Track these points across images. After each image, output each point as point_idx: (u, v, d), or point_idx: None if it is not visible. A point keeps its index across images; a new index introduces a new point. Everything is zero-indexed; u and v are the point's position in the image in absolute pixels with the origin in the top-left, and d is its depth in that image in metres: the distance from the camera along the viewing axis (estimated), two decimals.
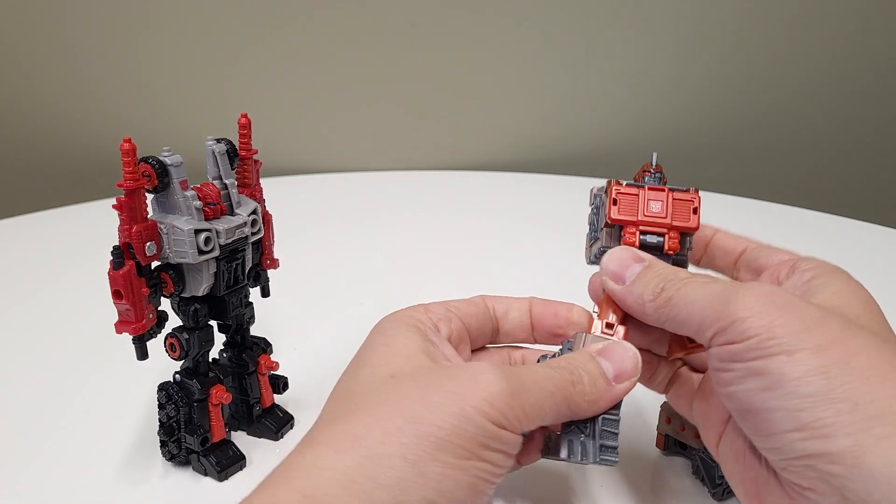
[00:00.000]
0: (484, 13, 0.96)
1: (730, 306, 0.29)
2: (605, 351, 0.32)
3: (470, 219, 0.85)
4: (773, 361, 0.27)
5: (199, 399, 0.41)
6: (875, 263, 0.72)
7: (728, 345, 0.28)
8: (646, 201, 0.36)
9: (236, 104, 0.93)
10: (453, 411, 0.27)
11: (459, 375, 0.29)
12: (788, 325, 0.27)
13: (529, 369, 0.31)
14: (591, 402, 0.31)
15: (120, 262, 0.36)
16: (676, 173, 1.16)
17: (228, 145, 0.41)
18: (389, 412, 0.28)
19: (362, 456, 0.27)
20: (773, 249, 0.37)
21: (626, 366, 0.32)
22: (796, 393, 0.26)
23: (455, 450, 0.27)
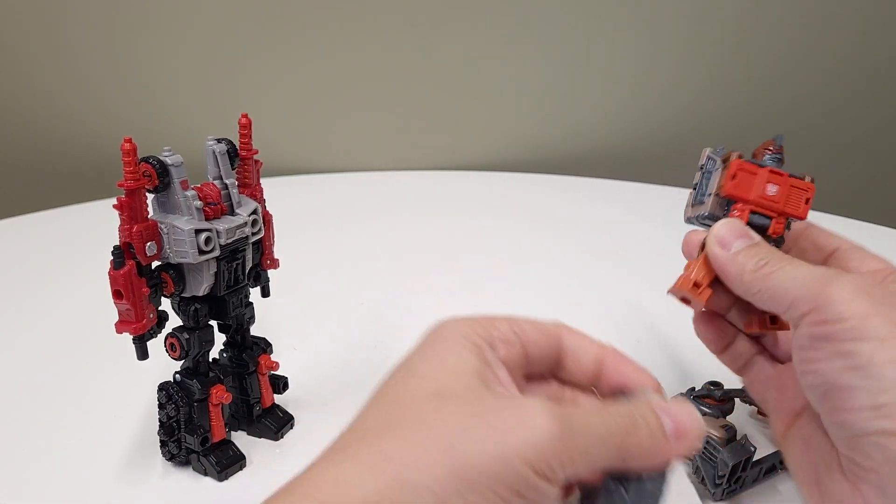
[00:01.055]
0: (484, 13, 0.96)
1: (830, 288, 0.31)
2: (667, 407, 0.30)
3: (470, 219, 0.85)
4: (865, 345, 0.30)
5: (199, 399, 0.41)
6: None
7: (822, 324, 0.31)
8: (764, 183, 0.37)
9: (237, 104, 0.93)
10: (493, 452, 0.25)
11: (507, 411, 0.27)
12: (885, 314, 0.30)
13: (582, 412, 0.28)
14: (644, 454, 0.28)
15: (120, 262, 0.36)
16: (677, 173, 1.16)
17: (229, 145, 0.41)
18: (427, 438, 0.26)
19: (392, 479, 0.25)
20: (866, 254, 0.38)
21: (688, 425, 0.29)
22: (881, 375, 0.29)
23: (487, 493, 0.25)
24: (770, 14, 0.99)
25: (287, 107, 1.01)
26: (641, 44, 1.00)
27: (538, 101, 1.03)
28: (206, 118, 1.00)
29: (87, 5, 0.93)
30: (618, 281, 0.68)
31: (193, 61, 0.98)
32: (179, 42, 0.96)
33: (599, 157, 1.07)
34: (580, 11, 0.96)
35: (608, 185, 0.96)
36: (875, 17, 1.01)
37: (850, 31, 1.01)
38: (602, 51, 1.00)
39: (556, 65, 1.01)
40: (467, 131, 1.05)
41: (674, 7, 0.97)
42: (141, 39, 0.96)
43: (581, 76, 1.02)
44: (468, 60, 0.99)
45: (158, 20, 0.95)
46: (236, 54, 0.98)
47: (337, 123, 1.03)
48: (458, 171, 1.04)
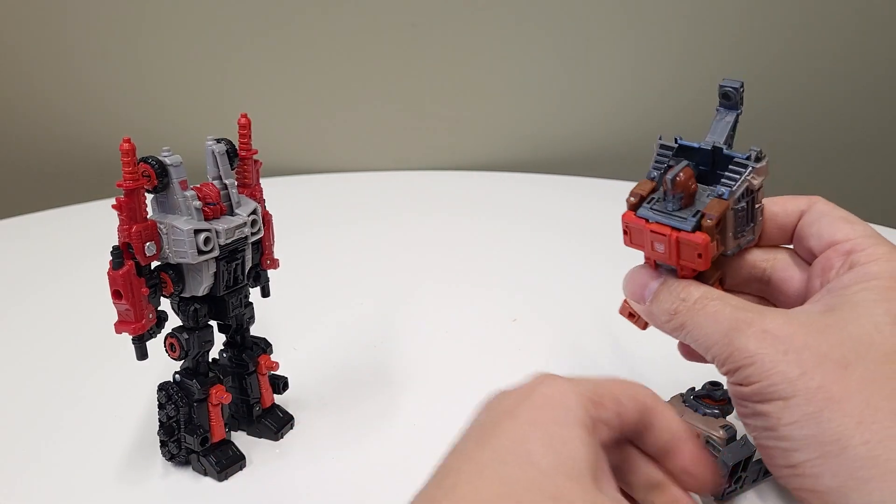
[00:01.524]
0: (484, 13, 0.96)
1: (734, 349, 0.30)
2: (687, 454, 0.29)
3: (470, 219, 0.85)
4: (772, 406, 0.28)
5: (198, 399, 0.41)
6: None
7: (732, 386, 0.30)
8: (649, 239, 0.33)
9: (236, 104, 0.93)
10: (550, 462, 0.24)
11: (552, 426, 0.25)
12: (787, 371, 0.28)
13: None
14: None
15: (119, 262, 0.36)
16: None
17: (228, 145, 0.41)
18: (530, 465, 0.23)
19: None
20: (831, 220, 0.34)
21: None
22: (790, 436, 0.28)
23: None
24: (770, 14, 0.99)
25: (287, 107, 1.01)
26: (642, 43, 1.00)
27: (538, 100, 1.03)
28: (205, 118, 1.00)
29: (86, 5, 0.93)
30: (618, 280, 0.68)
31: (193, 61, 0.98)
32: (179, 42, 0.96)
33: (599, 157, 1.07)
34: (580, 11, 0.96)
35: (608, 185, 0.96)
36: (875, 17, 1.01)
37: (851, 31, 1.01)
38: (602, 51, 1.00)
39: (557, 65, 1.01)
40: (467, 131, 1.05)
41: (674, 7, 0.97)
42: (140, 39, 0.96)
43: (581, 76, 1.02)
44: (468, 60, 0.99)
45: (158, 20, 0.95)
46: (236, 54, 0.97)
47: (337, 123, 1.03)
48: (458, 171, 1.04)
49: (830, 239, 0.33)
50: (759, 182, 0.34)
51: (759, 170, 0.33)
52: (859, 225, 0.33)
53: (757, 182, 0.33)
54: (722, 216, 0.32)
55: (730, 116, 0.36)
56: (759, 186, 0.34)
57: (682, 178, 0.32)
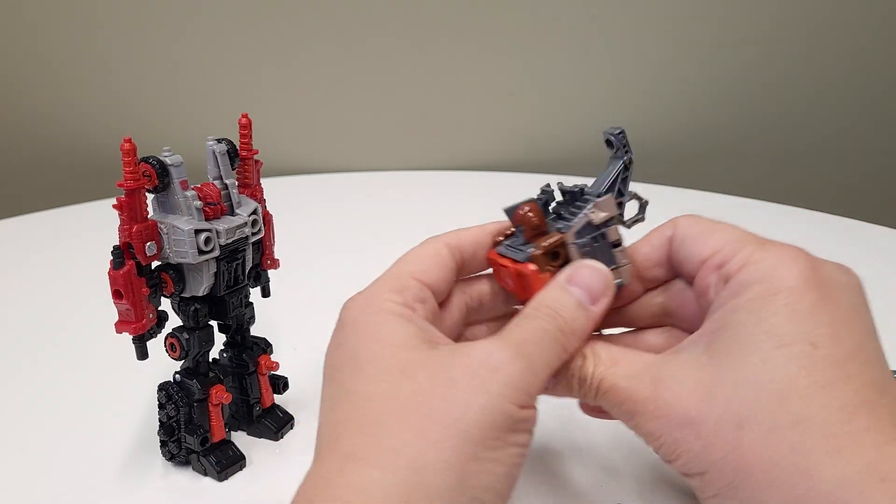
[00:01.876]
0: (485, 13, 0.96)
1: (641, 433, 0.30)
2: (573, 277, 0.31)
3: (470, 219, 0.85)
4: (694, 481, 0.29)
5: (199, 399, 0.41)
6: (875, 263, 0.72)
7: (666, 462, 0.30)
8: (503, 275, 0.35)
9: (237, 104, 0.93)
10: (481, 403, 0.26)
11: (473, 363, 0.28)
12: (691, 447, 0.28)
13: (524, 331, 0.29)
14: (578, 337, 0.30)
15: (120, 262, 0.36)
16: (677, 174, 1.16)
17: (229, 145, 0.41)
18: (418, 418, 0.27)
19: (405, 469, 0.26)
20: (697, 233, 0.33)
21: (596, 284, 0.31)
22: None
23: (491, 443, 0.26)
24: (771, 15, 0.99)
25: (287, 107, 1.01)
26: (642, 44, 1.00)
27: (538, 101, 1.03)
28: (206, 118, 1.00)
29: (87, 5, 0.93)
30: None
31: (193, 61, 0.98)
32: (179, 42, 0.96)
33: (599, 157, 1.06)
34: (581, 11, 0.96)
35: None
36: (875, 17, 1.01)
37: (851, 32, 1.01)
38: (602, 51, 1.00)
39: (557, 65, 1.01)
40: (467, 131, 1.05)
41: (674, 7, 0.97)
42: (141, 39, 0.96)
43: (581, 76, 1.02)
44: (468, 60, 0.99)
45: (158, 20, 0.95)
46: (236, 54, 0.98)
47: (337, 123, 1.03)
48: (458, 171, 1.04)
49: (699, 257, 0.32)
50: (603, 217, 0.33)
51: (600, 204, 0.33)
52: (727, 231, 0.32)
53: (599, 217, 0.33)
54: (552, 248, 0.32)
55: (613, 164, 0.36)
56: (603, 221, 0.33)
57: (519, 212, 0.33)
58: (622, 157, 0.35)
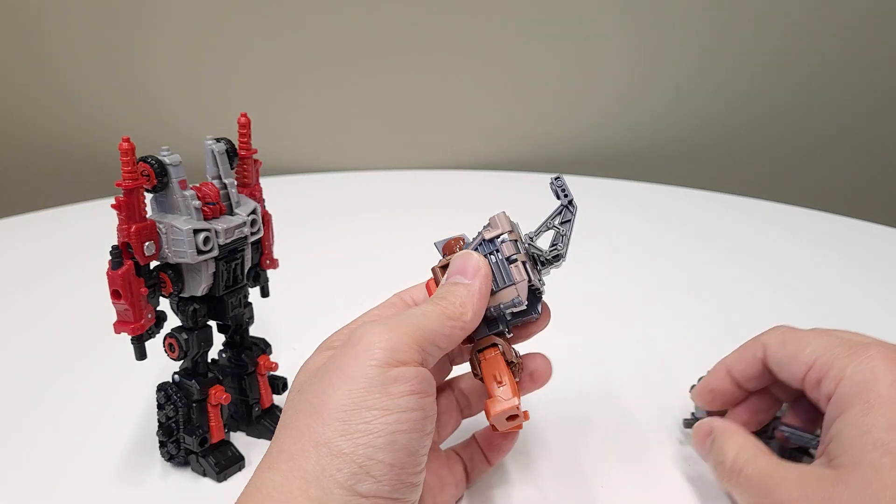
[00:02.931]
0: (485, 12, 0.96)
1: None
2: (448, 271, 0.36)
3: (470, 218, 0.85)
4: None
5: (197, 399, 0.41)
6: (875, 263, 0.72)
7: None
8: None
9: (236, 104, 0.93)
10: (342, 382, 0.29)
11: (343, 351, 0.31)
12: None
13: (411, 309, 0.33)
14: (463, 304, 0.34)
15: (118, 262, 0.36)
16: (677, 173, 1.16)
17: (228, 145, 0.40)
18: (298, 416, 0.30)
19: (285, 461, 0.29)
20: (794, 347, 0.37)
21: (466, 265, 0.35)
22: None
23: (359, 414, 0.28)
24: (773, 15, 0.99)
25: (287, 106, 1.01)
26: (642, 44, 1.00)
27: (539, 100, 1.03)
28: (205, 117, 1.00)
29: (86, 5, 0.93)
30: (618, 280, 0.68)
31: (192, 60, 0.98)
32: (178, 41, 0.96)
33: (599, 157, 1.07)
34: (582, 11, 0.96)
35: (608, 185, 0.96)
36: (876, 18, 1.01)
37: (851, 32, 1.01)
38: (603, 51, 1.00)
39: (557, 64, 1.01)
40: (467, 131, 1.05)
41: (675, 7, 0.97)
42: (140, 38, 0.96)
43: (582, 76, 1.02)
44: (468, 60, 0.99)
45: (157, 19, 0.95)
46: (235, 53, 0.97)
47: (337, 123, 1.03)
48: (458, 171, 1.04)
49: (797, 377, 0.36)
50: (495, 233, 0.36)
51: (493, 220, 0.37)
52: (815, 343, 0.36)
53: (491, 233, 0.36)
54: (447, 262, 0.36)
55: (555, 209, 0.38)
56: (495, 236, 0.36)
57: (451, 243, 0.38)
58: (563, 200, 0.38)
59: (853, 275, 0.69)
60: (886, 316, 0.61)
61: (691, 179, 1.00)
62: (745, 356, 0.39)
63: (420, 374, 0.30)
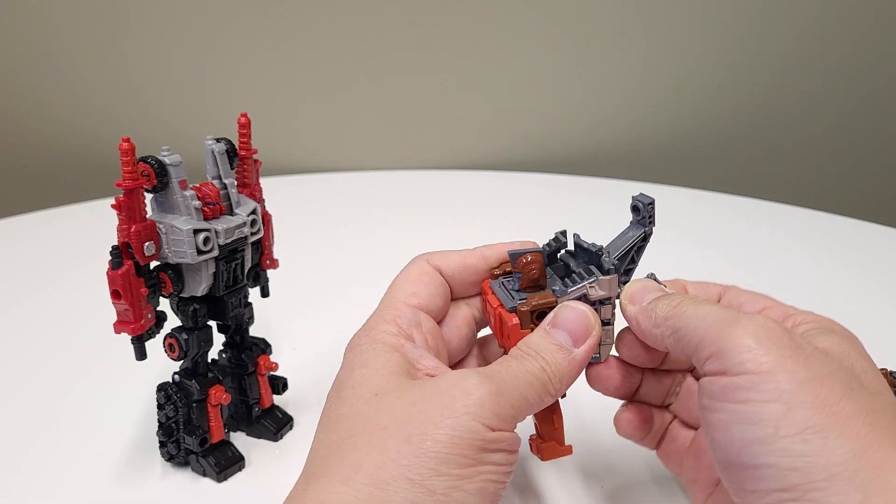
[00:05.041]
0: (485, 12, 0.96)
1: (733, 330, 0.27)
2: (555, 321, 0.32)
3: (470, 218, 0.85)
4: (768, 409, 0.25)
5: (197, 399, 0.41)
6: (875, 263, 0.72)
7: (720, 375, 0.27)
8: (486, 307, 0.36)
9: (236, 104, 0.93)
10: (447, 422, 0.27)
11: (444, 385, 0.29)
12: (794, 371, 0.26)
13: (503, 366, 0.31)
14: (561, 379, 0.31)
15: (119, 262, 0.36)
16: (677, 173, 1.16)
17: (228, 145, 0.40)
18: (383, 434, 0.28)
19: (366, 484, 0.26)
20: (753, 295, 0.35)
21: (579, 327, 0.31)
22: (790, 451, 0.25)
23: (457, 460, 0.27)
24: (773, 16, 0.99)
25: (287, 106, 1.01)
26: (643, 44, 1.00)
27: (539, 100, 1.03)
28: (205, 117, 1.00)
29: (85, 5, 0.93)
30: None
31: (192, 60, 0.98)
32: (178, 41, 0.96)
33: (600, 157, 1.07)
34: (582, 10, 0.96)
35: (608, 185, 0.96)
36: (876, 18, 1.01)
37: (851, 32, 1.01)
38: (603, 51, 1.00)
39: (557, 64, 1.01)
40: (467, 131, 1.05)
41: (675, 7, 0.97)
42: (140, 38, 0.96)
43: (582, 76, 1.02)
44: (469, 60, 0.99)
45: (158, 19, 0.95)
46: (235, 53, 0.97)
47: (337, 123, 1.03)
48: (458, 171, 1.04)
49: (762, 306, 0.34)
50: (601, 296, 0.33)
51: (602, 283, 0.33)
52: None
53: (597, 293, 0.33)
54: (539, 308, 0.32)
55: (634, 231, 0.35)
56: (600, 298, 0.33)
57: (522, 260, 0.33)
58: (645, 226, 0.35)
59: (853, 275, 0.69)
60: (886, 316, 0.61)
61: (691, 179, 1.00)
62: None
63: (513, 437, 0.29)
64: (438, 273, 0.36)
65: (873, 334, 0.37)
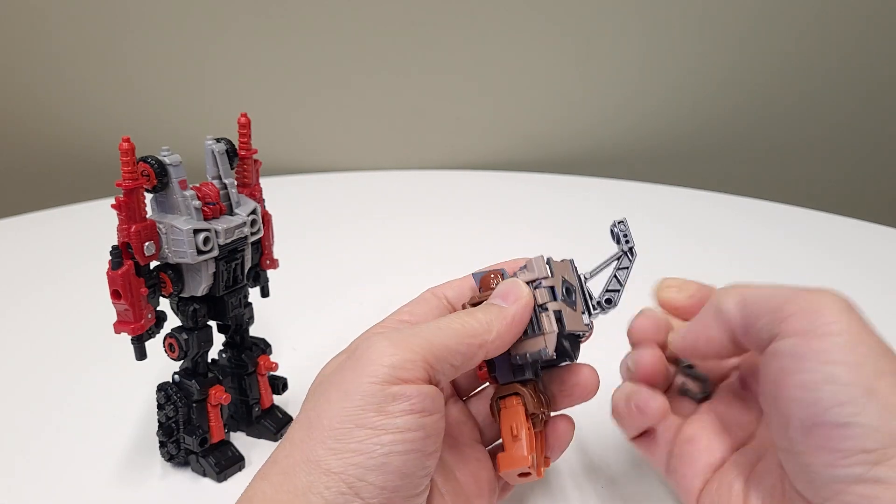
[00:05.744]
0: (485, 12, 0.96)
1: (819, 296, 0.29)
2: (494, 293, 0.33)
3: (470, 218, 0.85)
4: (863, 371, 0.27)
5: (197, 399, 0.41)
6: (875, 263, 0.72)
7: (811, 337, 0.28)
8: None
9: (236, 104, 0.93)
10: (338, 397, 0.28)
11: (347, 363, 0.30)
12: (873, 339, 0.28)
13: (428, 322, 0.31)
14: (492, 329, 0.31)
15: (118, 262, 0.36)
16: (677, 173, 1.15)
17: (228, 145, 0.40)
18: (295, 428, 0.29)
19: (277, 474, 0.28)
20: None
21: (509, 291, 0.32)
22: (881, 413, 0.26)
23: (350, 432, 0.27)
24: (773, 16, 0.99)
25: (287, 106, 1.01)
26: (642, 44, 1.00)
27: (539, 100, 1.03)
28: (205, 117, 1.00)
29: (85, 5, 0.93)
30: None
31: (192, 60, 0.98)
32: (178, 41, 0.96)
33: (600, 157, 1.07)
34: (583, 10, 0.96)
35: (608, 185, 0.96)
36: (876, 19, 1.01)
37: (851, 32, 1.01)
38: (603, 51, 1.00)
39: (557, 65, 1.01)
40: (467, 131, 1.05)
41: (675, 7, 0.97)
42: (140, 38, 0.96)
43: (582, 76, 1.02)
44: (469, 60, 0.99)
45: (158, 19, 0.95)
46: (235, 53, 0.97)
47: (337, 123, 1.03)
48: (458, 171, 1.04)
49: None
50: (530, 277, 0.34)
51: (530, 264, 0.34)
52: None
53: (527, 275, 0.34)
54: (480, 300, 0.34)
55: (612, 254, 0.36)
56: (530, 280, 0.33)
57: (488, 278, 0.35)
58: (622, 246, 0.36)
59: (853, 275, 0.69)
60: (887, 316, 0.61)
61: (691, 179, 1.00)
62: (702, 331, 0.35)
63: (423, 392, 0.28)
64: (436, 300, 0.37)
65: None
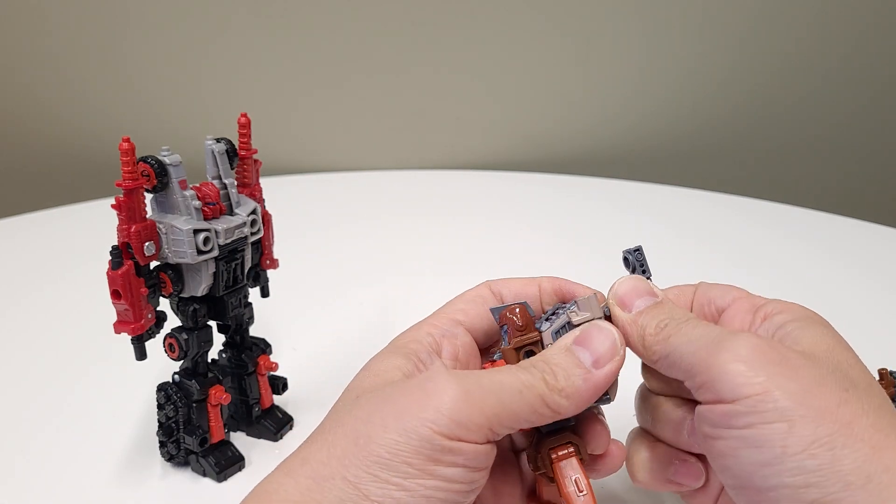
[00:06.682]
0: (485, 12, 0.96)
1: (720, 355, 0.26)
2: (580, 338, 0.30)
3: (470, 218, 0.85)
4: (772, 430, 0.25)
5: (197, 399, 0.41)
6: (875, 263, 0.72)
7: (718, 403, 0.26)
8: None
9: (236, 104, 0.93)
10: (396, 426, 0.26)
11: (411, 387, 0.28)
12: (786, 385, 0.25)
13: (494, 370, 0.29)
14: (569, 396, 0.28)
15: (119, 262, 0.36)
16: (677, 173, 1.16)
17: (228, 145, 0.40)
18: (338, 433, 0.28)
19: (307, 477, 0.27)
20: (723, 287, 0.34)
21: (603, 348, 0.29)
22: (801, 468, 0.24)
23: (399, 467, 0.26)
24: (773, 16, 0.99)
25: (287, 106, 1.01)
26: (642, 44, 1.00)
27: (539, 100, 1.03)
28: (205, 117, 1.00)
29: (85, 5, 0.93)
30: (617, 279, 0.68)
31: (192, 60, 0.98)
32: (178, 41, 0.96)
33: (600, 157, 1.07)
34: (583, 10, 0.96)
35: (608, 185, 0.96)
36: (876, 19, 1.00)
37: (851, 32, 1.01)
38: (603, 51, 1.00)
39: (557, 64, 1.01)
40: (467, 131, 1.05)
41: (675, 7, 0.97)
42: (140, 38, 0.96)
43: (582, 76, 1.02)
44: (469, 59, 0.99)
45: (157, 19, 0.95)
46: (235, 53, 0.97)
47: (337, 123, 1.03)
48: (458, 171, 1.04)
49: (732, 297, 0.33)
50: (584, 318, 0.31)
51: (582, 303, 0.32)
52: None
53: (579, 317, 0.31)
54: (524, 343, 0.31)
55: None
56: (584, 321, 0.31)
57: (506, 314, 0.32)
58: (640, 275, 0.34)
59: (853, 275, 0.69)
60: (886, 316, 0.61)
61: (691, 179, 1.00)
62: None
63: (478, 451, 0.27)
64: (491, 297, 0.35)
65: (873, 334, 0.36)
